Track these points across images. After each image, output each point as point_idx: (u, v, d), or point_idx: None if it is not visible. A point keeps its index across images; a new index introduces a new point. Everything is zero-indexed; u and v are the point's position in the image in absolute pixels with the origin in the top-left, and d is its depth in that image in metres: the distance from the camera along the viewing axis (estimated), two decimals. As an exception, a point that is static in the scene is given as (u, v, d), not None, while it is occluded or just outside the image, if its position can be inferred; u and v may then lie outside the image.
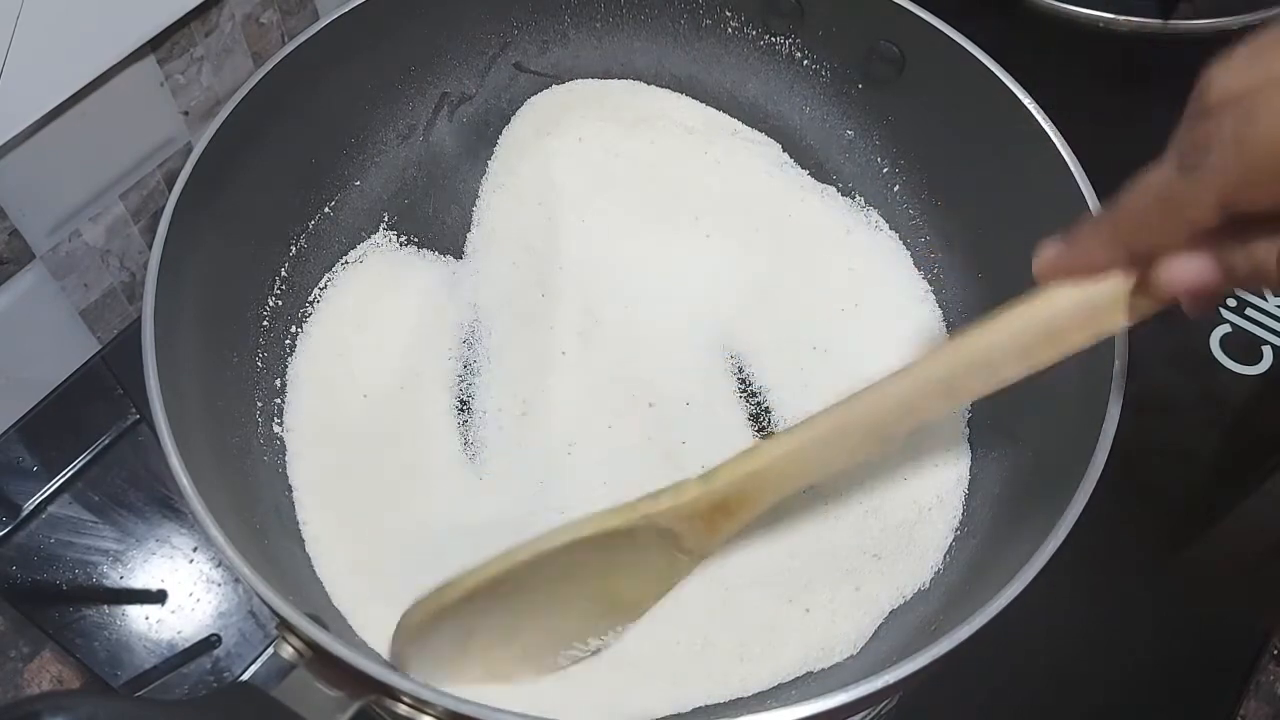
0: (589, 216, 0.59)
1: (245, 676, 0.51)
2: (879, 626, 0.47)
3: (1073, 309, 0.34)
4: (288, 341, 0.54)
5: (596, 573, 0.40)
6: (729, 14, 0.61)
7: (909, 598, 0.48)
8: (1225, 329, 0.64)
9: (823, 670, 0.46)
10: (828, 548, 0.49)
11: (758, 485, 0.39)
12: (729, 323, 0.56)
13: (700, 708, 0.45)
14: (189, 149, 0.53)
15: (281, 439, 0.51)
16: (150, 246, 0.46)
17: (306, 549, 0.48)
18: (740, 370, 0.55)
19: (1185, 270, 0.31)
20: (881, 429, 0.38)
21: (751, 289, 0.57)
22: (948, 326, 0.55)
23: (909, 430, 0.38)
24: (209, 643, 0.52)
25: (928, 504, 0.50)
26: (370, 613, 0.46)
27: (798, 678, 0.46)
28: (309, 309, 0.55)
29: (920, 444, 0.52)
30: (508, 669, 0.42)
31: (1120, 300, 0.34)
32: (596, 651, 0.43)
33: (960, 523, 0.49)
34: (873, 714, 0.48)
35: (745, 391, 0.54)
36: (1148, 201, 0.31)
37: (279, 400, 0.52)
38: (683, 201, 0.59)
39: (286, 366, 0.53)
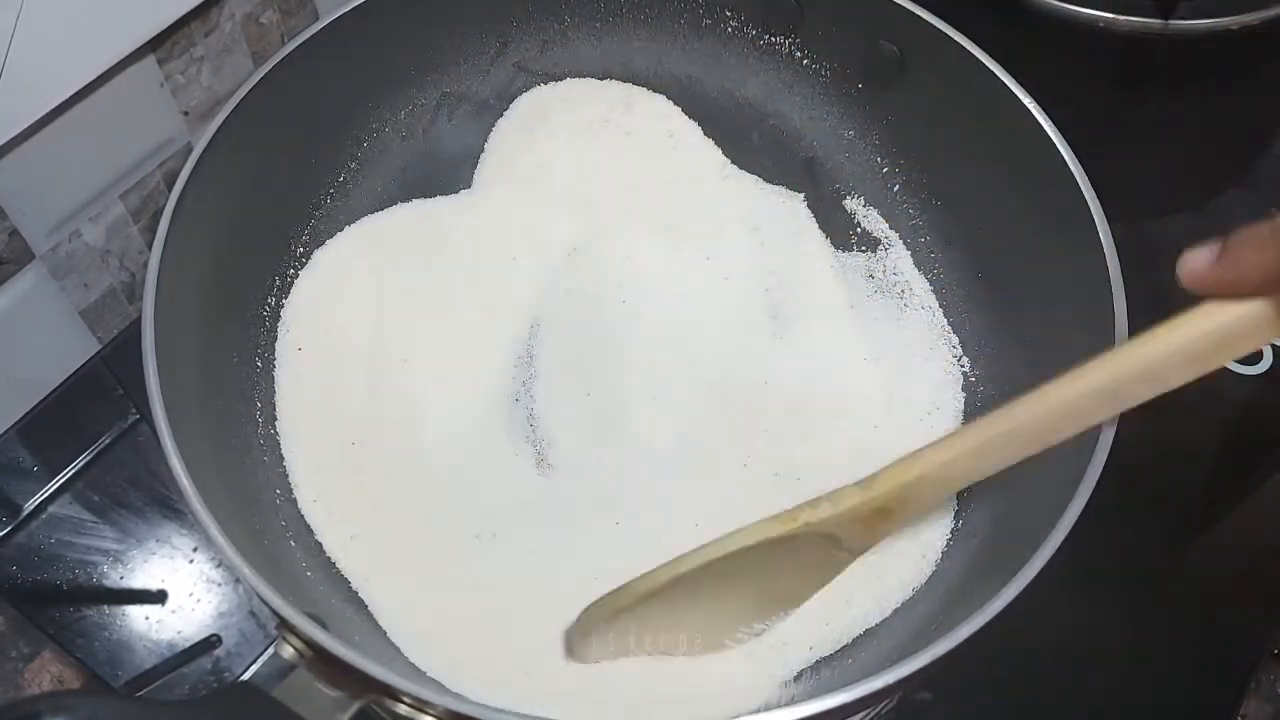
0: (586, 216, 0.59)
1: (245, 676, 0.51)
2: (879, 626, 0.47)
3: (1238, 319, 0.33)
4: (288, 341, 0.54)
5: (758, 572, 0.42)
6: (729, 14, 0.61)
7: (908, 597, 0.48)
8: (1225, 329, 0.64)
9: (822, 670, 0.46)
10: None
11: (917, 491, 0.39)
12: (724, 325, 0.56)
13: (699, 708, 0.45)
14: (189, 149, 0.53)
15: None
16: (150, 246, 0.46)
17: (326, 551, 0.48)
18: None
19: None
20: (1045, 435, 0.38)
21: (748, 291, 0.57)
22: (949, 326, 0.55)
23: (1072, 435, 0.37)
24: (209, 643, 0.52)
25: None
26: (393, 598, 0.47)
27: (797, 677, 0.46)
28: (309, 309, 0.55)
29: (919, 442, 0.52)
30: (675, 649, 0.45)
31: None
32: (760, 634, 0.45)
33: (959, 522, 0.49)
34: (873, 714, 0.48)
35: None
36: None
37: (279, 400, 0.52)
38: (676, 206, 0.59)
39: (286, 366, 0.53)
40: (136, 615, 0.53)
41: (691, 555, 0.41)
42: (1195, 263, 0.33)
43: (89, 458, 0.57)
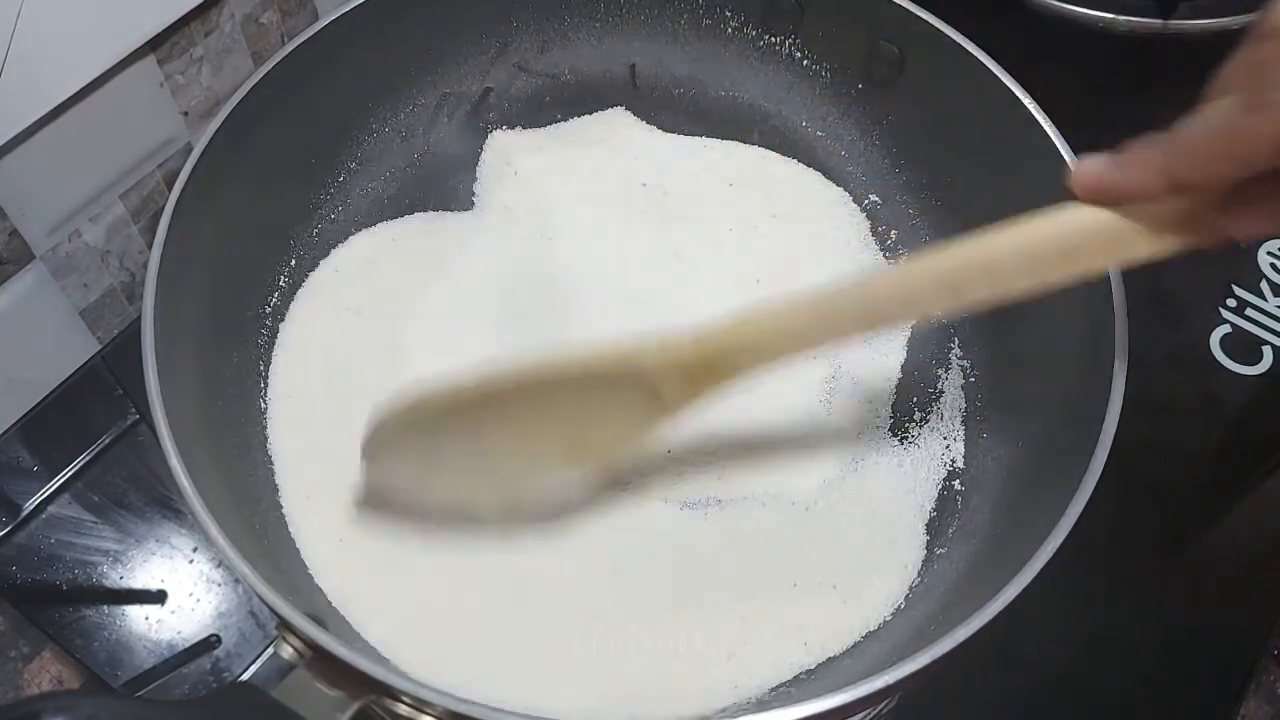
0: (586, 220, 0.59)
1: (245, 676, 0.51)
2: (879, 626, 0.47)
3: (1098, 229, 0.32)
4: (288, 341, 0.54)
5: (571, 408, 0.39)
6: (729, 14, 0.61)
7: (908, 597, 0.48)
8: (1225, 329, 0.64)
9: (822, 670, 0.46)
10: (825, 547, 0.49)
11: (747, 347, 0.37)
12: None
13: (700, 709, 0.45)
14: (189, 149, 0.53)
15: (281, 439, 0.51)
16: (150, 246, 0.46)
17: (298, 546, 0.48)
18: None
19: (1254, 224, 0.30)
20: (877, 314, 0.37)
21: (746, 291, 0.57)
22: (949, 325, 0.55)
23: (905, 320, 0.36)
24: (209, 643, 0.52)
25: (925, 503, 0.50)
26: (369, 607, 0.46)
27: (797, 677, 0.46)
28: (309, 309, 0.55)
29: (918, 442, 0.52)
30: (475, 493, 0.42)
31: (1150, 230, 0.32)
32: (564, 485, 0.42)
33: (959, 522, 0.49)
34: (873, 714, 0.48)
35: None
36: (1206, 134, 0.30)
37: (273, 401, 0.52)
38: (677, 205, 0.59)
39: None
40: (136, 615, 0.53)
41: (504, 370, 0.37)
42: (1086, 165, 0.33)
43: (89, 458, 0.57)
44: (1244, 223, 0.31)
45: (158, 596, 0.53)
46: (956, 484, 0.51)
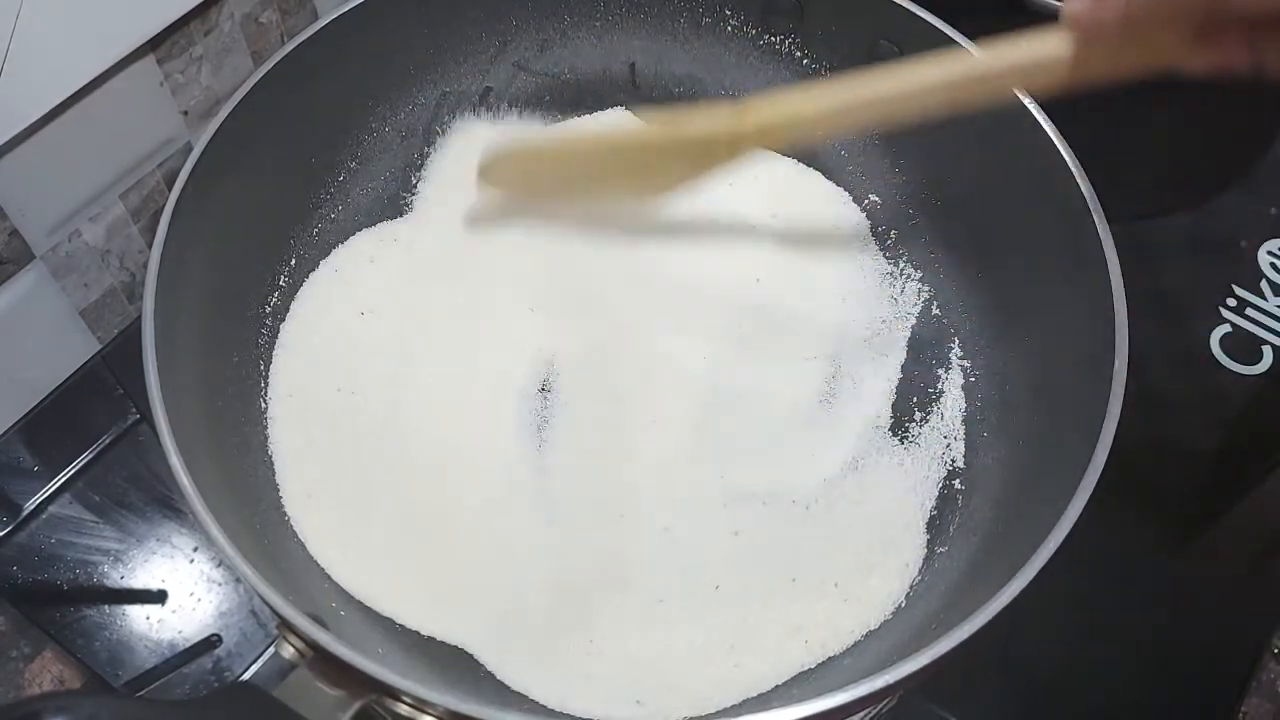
0: (586, 220, 0.59)
1: (246, 676, 0.51)
2: (880, 625, 0.47)
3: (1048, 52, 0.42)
4: (288, 341, 0.54)
5: (643, 163, 0.52)
6: (729, 13, 0.61)
7: (909, 596, 0.48)
8: (1225, 329, 0.64)
9: (822, 669, 0.46)
10: (825, 546, 0.49)
11: (781, 131, 0.48)
12: (728, 324, 0.56)
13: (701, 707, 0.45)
14: (189, 149, 0.53)
15: (281, 439, 0.51)
16: (150, 246, 0.46)
17: (304, 544, 0.48)
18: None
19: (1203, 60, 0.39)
20: (889, 110, 0.46)
21: (746, 290, 0.57)
22: (949, 325, 0.55)
23: (911, 116, 0.45)
24: (210, 642, 0.52)
25: (926, 501, 0.50)
26: (371, 604, 0.47)
27: (797, 676, 0.46)
28: (309, 309, 0.55)
29: (919, 441, 0.52)
30: (570, 195, 0.56)
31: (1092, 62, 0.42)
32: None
33: (960, 520, 0.49)
34: (873, 713, 0.48)
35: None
36: None
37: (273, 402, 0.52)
38: (676, 204, 0.59)
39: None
40: (137, 615, 0.53)
41: (595, 134, 0.55)
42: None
43: (89, 457, 0.57)
44: (1199, 58, 0.39)
45: (158, 596, 0.53)
46: (957, 483, 0.51)
